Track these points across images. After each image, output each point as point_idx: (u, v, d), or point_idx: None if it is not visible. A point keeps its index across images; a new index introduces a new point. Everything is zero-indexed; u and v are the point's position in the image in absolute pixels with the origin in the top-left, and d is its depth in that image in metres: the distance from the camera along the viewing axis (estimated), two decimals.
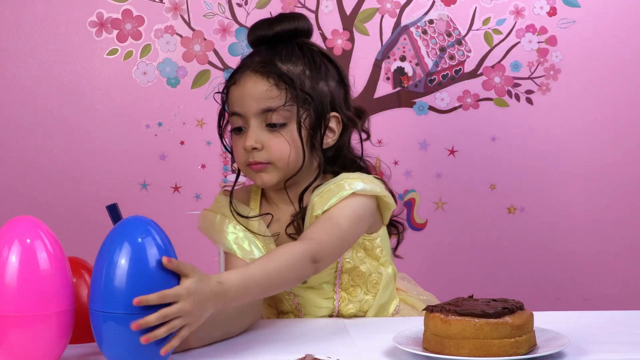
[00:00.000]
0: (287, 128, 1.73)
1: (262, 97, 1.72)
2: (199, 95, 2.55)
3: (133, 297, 1.33)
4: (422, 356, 1.43)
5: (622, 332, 1.60)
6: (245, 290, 1.48)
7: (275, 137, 1.72)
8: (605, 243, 2.60)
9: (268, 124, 1.72)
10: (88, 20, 2.53)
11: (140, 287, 1.33)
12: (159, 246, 1.37)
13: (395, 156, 2.58)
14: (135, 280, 1.34)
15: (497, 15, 2.56)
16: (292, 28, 1.77)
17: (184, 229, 2.55)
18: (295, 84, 1.72)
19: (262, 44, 1.78)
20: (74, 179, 2.56)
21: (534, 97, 2.58)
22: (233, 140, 1.76)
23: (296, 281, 1.61)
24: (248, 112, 1.72)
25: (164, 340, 1.35)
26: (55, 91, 2.54)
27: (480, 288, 2.56)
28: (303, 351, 1.48)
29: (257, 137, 1.72)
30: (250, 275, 1.49)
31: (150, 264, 1.35)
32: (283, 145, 1.72)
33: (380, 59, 2.56)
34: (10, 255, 1.36)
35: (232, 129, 1.76)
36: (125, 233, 1.38)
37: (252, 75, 1.73)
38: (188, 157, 2.57)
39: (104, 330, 1.36)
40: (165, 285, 1.35)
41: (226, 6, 2.54)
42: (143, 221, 1.40)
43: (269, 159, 1.73)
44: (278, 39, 1.77)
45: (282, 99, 1.72)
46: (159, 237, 1.39)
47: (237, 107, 1.73)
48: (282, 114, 1.72)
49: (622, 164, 2.59)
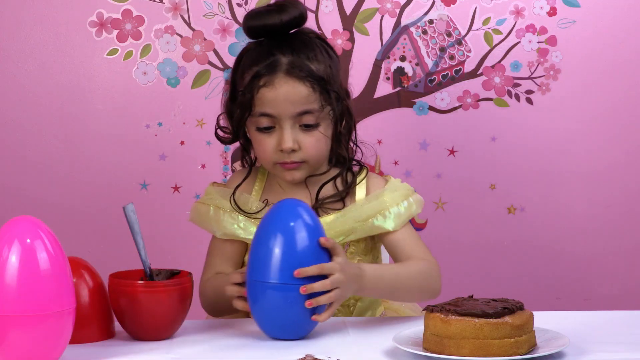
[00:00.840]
0: (320, 127, 1.75)
1: (300, 102, 1.73)
2: (199, 95, 2.55)
3: (293, 269, 1.52)
4: (422, 356, 1.43)
5: (622, 332, 1.60)
6: (378, 280, 1.64)
7: (309, 137, 1.75)
8: (606, 243, 2.60)
9: (302, 125, 1.74)
10: (88, 20, 2.53)
11: (296, 260, 1.54)
12: (309, 225, 1.56)
13: (395, 156, 2.58)
14: (290, 254, 1.54)
15: (497, 15, 2.56)
16: (297, 15, 1.77)
17: (184, 229, 2.55)
18: (328, 84, 1.74)
19: (263, 34, 1.77)
20: (74, 178, 2.56)
21: (534, 97, 2.58)
22: (258, 139, 1.76)
23: (424, 292, 1.72)
24: (283, 115, 1.73)
25: (315, 310, 1.55)
26: (55, 91, 2.54)
27: (480, 288, 2.55)
28: (303, 351, 1.48)
29: (294, 138, 1.74)
30: (382, 269, 1.69)
31: (307, 242, 1.55)
32: (317, 144, 1.75)
33: (380, 59, 2.56)
34: (10, 255, 1.36)
35: (258, 128, 1.75)
36: (284, 215, 1.57)
37: (288, 79, 1.72)
38: (188, 157, 2.57)
39: (264, 300, 1.54)
40: (319, 261, 1.55)
41: (226, 6, 2.54)
42: (295, 203, 1.59)
43: (303, 158, 1.75)
44: (284, 28, 1.76)
45: (317, 101, 1.74)
46: (310, 218, 1.57)
47: (270, 109, 1.73)
48: (316, 115, 1.75)
49: (622, 164, 2.59)
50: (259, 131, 1.76)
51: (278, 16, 1.75)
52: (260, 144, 1.76)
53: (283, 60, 1.73)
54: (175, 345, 1.56)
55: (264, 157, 1.77)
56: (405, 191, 1.82)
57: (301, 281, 1.53)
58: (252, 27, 1.77)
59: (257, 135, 1.76)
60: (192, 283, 1.62)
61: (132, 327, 1.58)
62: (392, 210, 1.78)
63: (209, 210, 1.81)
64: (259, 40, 1.79)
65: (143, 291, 1.55)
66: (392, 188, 1.81)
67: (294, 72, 1.72)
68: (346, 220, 1.76)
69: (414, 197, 1.82)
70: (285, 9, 1.76)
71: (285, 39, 1.76)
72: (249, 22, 1.77)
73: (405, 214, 1.79)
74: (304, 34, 1.79)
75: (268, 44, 1.76)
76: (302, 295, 1.53)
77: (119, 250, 2.38)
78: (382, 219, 1.77)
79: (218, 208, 1.80)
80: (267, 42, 1.76)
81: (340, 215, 1.77)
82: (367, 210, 1.77)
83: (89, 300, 1.57)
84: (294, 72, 1.72)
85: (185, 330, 1.64)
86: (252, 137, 1.78)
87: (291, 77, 1.72)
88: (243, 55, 1.80)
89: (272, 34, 1.76)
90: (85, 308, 1.56)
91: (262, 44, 1.77)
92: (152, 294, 1.55)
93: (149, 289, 1.55)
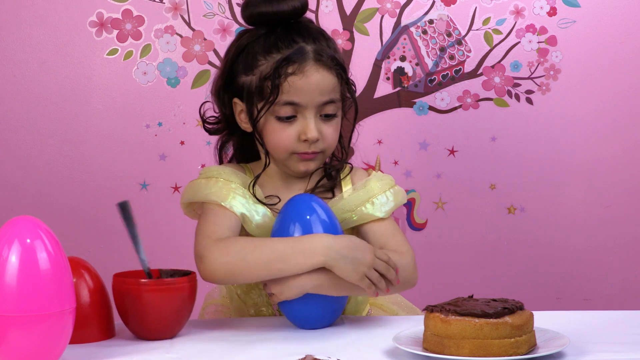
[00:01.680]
0: (337, 117, 1.74)
1: (328, 91, 1.70)
2: (199, 95, 2.55)
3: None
4: (422, 356, 1.43)
5: (622, 332, 1.60)
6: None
7: (328, 127, 1.73)
8: (606, 243, 2.60)
9: (322, 114, 1.72)
10: (88, 20, 2.53)
11: None
12: (323, 221, 1.63)
13: (395, 156, 2.58)
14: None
15: (497, 15, 2.56)
16: (304, 2, 1.73)
17: (184, 229, 2.55)
18: (347, 75, 1.74)
19: (267, 22, 1.72)
20: (74, 178, 2.56)
21: (534, 97, 2.58)
22: (277, 128, 1.71)
23: (400, 285, 1.70)
24: (310, 104, 1.70)
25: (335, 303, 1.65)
26: (55, 91, 2.54)
27: (480, 288, 2.56)
28: (303, 351, 1.48)
29: (318, 128, 1.71)
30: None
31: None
32: (335, 134, 1.75)
33: (380, 59, 2.56)
34: (10, 255, 1.36)
35: (279, 117, 1.71)
36: (296, 212, 1.64)
37: (318, 67, 1.69)
38: (188, 157, 2.57)
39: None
40: None
41: (226, 6, 2.54)
42: (310, 198, 1.67)
43: (323, 148, 1.74)
44: (294, 16, 1.72)
45: (339, 92, 1.73)
46: (325, 213, 1.64)
47: (298, 97, 1.68)
48: (337, 105, 1.74)
49: (622, 164, 2.59)
50: (278, 120, 1.71)
51: (291, 2, 1.71)
52: (278, 132, 1.71)
53: (308, 47, 1.69)
54: (176, 344, 1.56)
55: (282, 145, 1.72)
56: (389, 181, 1.80)
57: None
58: (263, 13, 1.71)
59: (275, 124, 1.71)
60: (197, 283, 1.62)
61: (136, 326, 1.58)
62: (380, 198, 1.76)
63: (217, 181, 1.73)
64: (265, 28, 1.72)
65: (148, 290, 1.56)
66: (378, 177, 1.79)
67: (322, 60, 1.69)
68: (335, 209, 1.73)
69: (398, 187, 1.81)
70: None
71: (299, 27, 1.72)
72: (259, 8, 1.71)
73: (393, 202, 1.77)
74: (310, 23, 1.76)
75: (284, 31, 1.71)
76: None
77: (119, 250, 2.38)
78: (371, 206, 1.75)
79: (227, 181, 1.73)
80: (282, 29, 1.71)
81: (331, 205, 1.74)
82: (355, 199, 1.75)
83: (89, 300, 1.57)
84: (322, 60, 1.69)
85: (185, 329, 1.64)
86: (268, 127, 1.72)
87: (320, 65, 1.69)
88: (248, 43, 1.73)
89: (279, 21, 1.72)
90: (85, 308, 1.56)
91: (276, 32, 1.71)
92: (158, 293, 1.56)
93: (155, 288, 1.56)
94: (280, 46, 1.69)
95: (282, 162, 1.75)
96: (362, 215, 1.75)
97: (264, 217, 1.72)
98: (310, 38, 1.70)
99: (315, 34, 1.72)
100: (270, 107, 1.69)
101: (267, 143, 1.74)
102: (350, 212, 1.74)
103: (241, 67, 1.73)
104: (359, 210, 1.75)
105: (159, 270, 1.66)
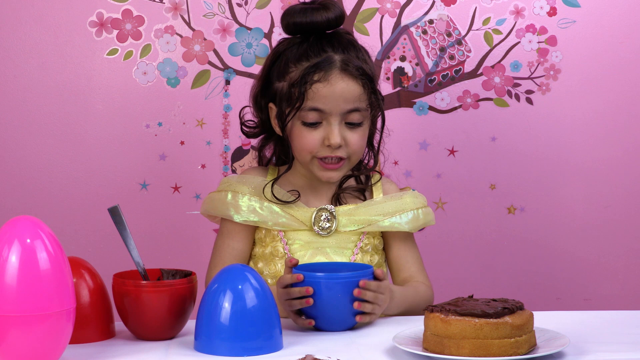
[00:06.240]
0: (363, 125, 1.81)
1: (352, 100, 1.78)
2: (199, 95, 2.55)
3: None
4: (422, 356, 1.43)
5: (622, 332, 1.60)
6: (403, 299, 1.75)
7: (354, 134, 1.80)
8: (606, 243, 2.60)
9: (347, 122, 1.79)
10: (88, 20, 2.53)
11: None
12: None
13: (395, 156, 2.58)
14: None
15: (497, 15, 2.56)
16: (340, 14, 1.83)
17: (184, 229, 2.55)
18: (374, 85, 1.79)
19: (303, 31, 1.80)
20: (74, 179, 2.56)
21: (534, 97, 2.58)
22: (302, 133, 1.80)
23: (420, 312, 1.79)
24: (334, 111, 1.77)
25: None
26: (55, 91, 2.54)
27: (480, 288, 2.56)
28: (303, 351, 1.49)
29: (342, 134, 1.78)
30: (406, 292, 1.79)
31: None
32: (360, 141, 1.82)
33: (380, 59, 2.56)
34: (10, 255, 1.36)
35: (304, 122, 1.79)
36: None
37: (343, 75, 1.77)
38: (188, 157, 2.57)
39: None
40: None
41: (226, 6, 2.54)
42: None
43: (347, 154, 1.80)
44: (329, 27, 1.81)
45: (365, 101, 1.80)
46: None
47: (322, 104, 1.77)
48: (363, 114, 1.81)
49: (622, 164, 2.59)
50: (304, 125, 1.79)
51: (325, 14, 1.80)
52: (304, 137, 1.80)
53: (336, 57, 1.77)
54: (175, 345, 1.56)
55: (306, 149, 1.80)
56: (423, 200, 1.90)
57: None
58: (298, 23, 1.80)
59: (301, 129, 1.80)
60: (197, 283, 1.62)
61: (136, 327, 1.58)
62: (412, 213, 1.86)
63: (227, 195, 1.85)
64: (300, 37, 1.82)
65: (148, 291, 1.56)
66: (414, 195, 1.89)
67: (348, 70, 1.77)
68: (368, 210, 1.82)
69: (429, 209, 1.91)
70: (329, 7, 1.81)
71: (331, 37, 1.80)
72: (294, 18, 1.81)
73: (422, 219, 1.88)
74: (346, 34, 1.84)
75: (316, 41, 1.79)
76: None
77: (119, 250, 2.38)
78: (402, 218, 1.84)
79: (236, 192, 1.84)
80: (314, 38, 1.79)
81: (362, 206, 1.84)
82: (388, 207, 1.84)
83: (89, 300, 1.57)
84: (348, 70, 1.77)
85: (184, 330, 1.64)
86: (294, 131, 1.81)
87: (346, 74, 1.77)
88: (283, 51, 1.82)
89: (314, 31, 1.80)
90: (85, 308, 1.56)
91: (308, 41, 1.80)
92: (157, 294, 1.56)
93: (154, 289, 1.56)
94: (310, 55, 1.78)
95: (306, 166, 1.84)
96: (392, 223, 1.84)
97: (273, 214, 1.83)
98: (340, 48, 1.79)
99: (345, 44, 1.81)
100: (296, 113, 1.78)
101: (293, 146, 1.83)
102: (382, 215, 1.83)
103: (275, 74, 1.83)
104: (389, 217, 1.84)
105: (160, 270, 1.66)
